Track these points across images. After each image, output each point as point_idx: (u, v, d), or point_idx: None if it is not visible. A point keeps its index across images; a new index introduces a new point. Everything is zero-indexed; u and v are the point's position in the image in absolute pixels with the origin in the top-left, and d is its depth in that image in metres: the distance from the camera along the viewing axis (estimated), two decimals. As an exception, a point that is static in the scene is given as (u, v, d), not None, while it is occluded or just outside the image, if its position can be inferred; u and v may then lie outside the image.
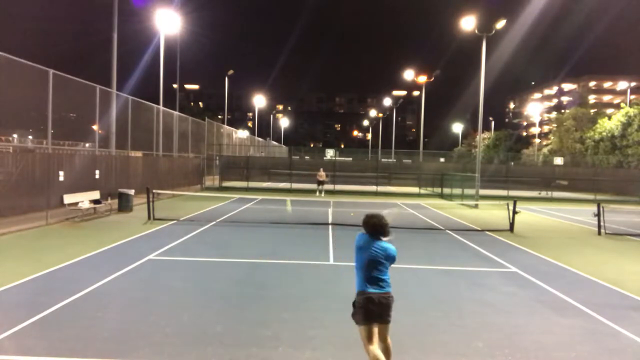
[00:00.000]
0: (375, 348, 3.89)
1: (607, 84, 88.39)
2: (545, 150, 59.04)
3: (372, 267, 4.02)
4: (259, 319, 5.61)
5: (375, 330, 3.94)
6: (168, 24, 26.01)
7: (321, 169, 26.54)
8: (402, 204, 22.27)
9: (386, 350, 4.07)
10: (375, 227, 4.12)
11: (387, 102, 75.19)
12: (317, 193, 25.62)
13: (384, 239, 4.14)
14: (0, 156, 12.16)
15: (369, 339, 3.92)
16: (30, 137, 18.36)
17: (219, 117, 64.75)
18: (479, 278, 8.03)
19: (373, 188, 29.01)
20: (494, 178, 34.17)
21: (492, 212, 18.93)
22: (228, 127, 43.28)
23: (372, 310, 3.92)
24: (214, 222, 13.74)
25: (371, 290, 3.97)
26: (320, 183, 26.03)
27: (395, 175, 36.52)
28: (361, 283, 4.04)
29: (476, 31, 21.43)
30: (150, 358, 4.44)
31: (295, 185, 28.83)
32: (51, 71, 13.33)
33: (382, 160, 53.81)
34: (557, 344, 5.12)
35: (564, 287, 7.50)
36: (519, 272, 8.56)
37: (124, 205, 15.50)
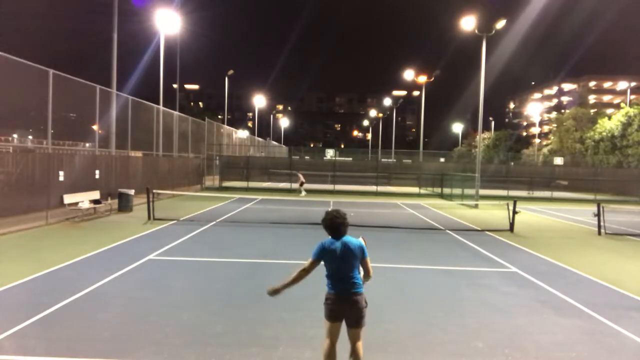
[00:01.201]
0: (327, 342, 4.00)
1: (607, 84, 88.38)
2: (545, 150, 59.05)
3: (341, 268, 3.94)
4: (259, 319, 5.61)
5: (334, 328, 4.00)
6: (168, 24, 26.01)
7: (299, 172, 26.72)
8: (402, 204, 22.28)
9: (353, 354, 4.00)
10: (333, 222, 4.02)
11: (387, 102, 75.29)
12: (303, 193, 25.69)
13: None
14: (0, 156, 12.16)
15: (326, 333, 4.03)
16: (30, 137, 18.37)
17: (219, 117, 64.73)
18: (479, 278, 8.03)
19: (373, 188, 29.00)
20: (494, 178, 34.18)
21: (492, 212, 18.93)
22: (228, 127, 43.29)
23: (332, 310, 3.96)
24: (214, 222, 13.74)
25: (336, 291, 3.95)
26: (302, 184, 26.31)
27: (395, 175, 36.52)
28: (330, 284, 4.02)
29: (476, 31, 21.43)
30: (150, 358, 4.44)
31: (295, 186, 28.79)
32: (51, 71, 13.32)
33: (382, 160, 53.79)
34: (557, 344, 5.12)
35: (564, 287, 7.50)
36: (519, 272, 8.56)
37: (124, 205, 15.50)
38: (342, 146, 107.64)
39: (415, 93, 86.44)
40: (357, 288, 3.93)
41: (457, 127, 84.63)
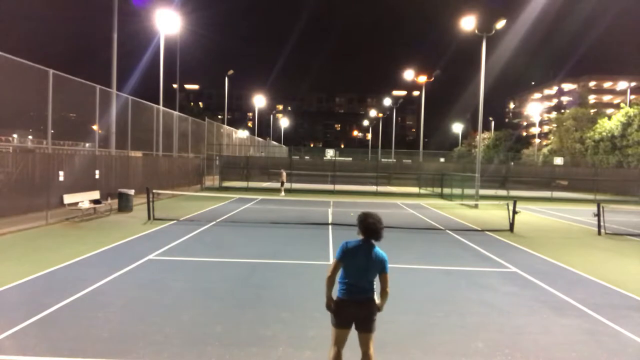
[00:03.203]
0: (334, 350, 3.89)
1: (607, 84, 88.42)
2: (545, 150, 59.03)
3: (362, 274, 3.84)
4: (259, 319, 5.62)
5: (342, 335, 3.88)
6: (168, 24, 26.02)
7: (283, 171, 26.51)
8: (402, 204, 22.28)
9: None
10: (367, 221, 3.88)
11: (387, 102, 75.27)
12: (283, 193, 25.44)
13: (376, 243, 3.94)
14: (0, 156, 12.16)
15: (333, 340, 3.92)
16: (30, 137, 18.37)
17: (219, 117, 64.76)
18: (479, 278, 8.03)
19: (373, 188, 29.01)
20: (494, 178, 34.16)
21: (492, 212, 18.93)
22: (228, 127, 43.29)
23: (342, 316, 3.84)
24: (214, 222, 13.74)
25: (348, 296, 3.83)
26: (282, 183, 25.98)
27: (395, 175, 36.52)
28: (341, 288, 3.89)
29: (476, 31, 21.43)
30: (150, 358, 4.44)
31: (295, 185, 28.80)
32: (51, 71, 13.33)
33: (382, 160, 53.81)
34: (557, 344, 5.12)
35: (564, 287, 7.50)
36: (519, 272, 8.57)
37: (124, 205, 15.50)
38: (342, 146, 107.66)
39: (415, 93, 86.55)
40: (370, 293, 3.86)
41: (457, 127, 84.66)
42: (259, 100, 63.34)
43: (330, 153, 37.34)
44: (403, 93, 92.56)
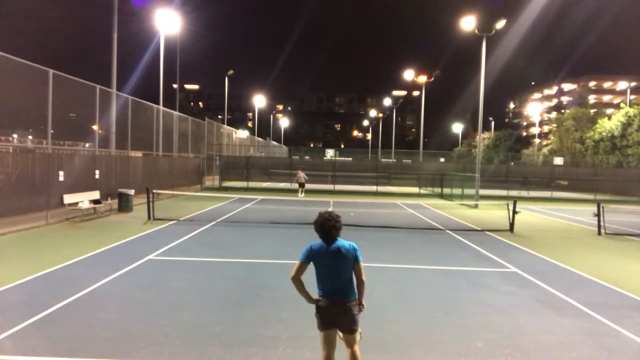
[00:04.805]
0: (324, 355, 3.82)
1: (607, 84, 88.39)
2: (545, 150, 59.00)
3: (334, 273, 3.76)
4: (259, 319, 5.61)
5: (330, 336, 3.81)
6: (168, 24, 26.03)
7: (300, 171, 25.76)
8: (402, 204, 22.28)
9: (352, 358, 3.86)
10: (324, 226, 3.82)
11: (387, 102, 75.27)
12: (301, 194, 24.77)
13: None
14: (0, 156, 12.15)
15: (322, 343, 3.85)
16: (30, 137, 18.35)
17: (219, 117, 64.74)
18: (479, 278, 8.03)
19: (373, 188, 29.01)
20: (494, 178, 34.18)
21: (492, 212, 18.93)
22: (228, 127, 43.28)
23: (325, 317, 3.77)
24: (214, 222, 13.74)
25: (328, 297, 3.77)
26: (301, 185, 25.10)
27: (395, 175, 36.54)
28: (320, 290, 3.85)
29: (476, 31, 21.43)
30: (150, 358, 4.44)
31: (295, 185, 28.76)
32: (51, 71, 13.32)
33: (382, 160, 53.83)
34: (557, 344, 5.12)
35: (564, 287, 7.50)
36: (519, 272, 8.56)
37: (124, 205, 15.50)
38: (342, 146, 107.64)
39: (415, 93, 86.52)
40: (350, 295, 3.75)
41: (457, 127, 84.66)
42: (259, 100, 63.34)
43: (330, 153, 37.31)
44: (403, 93, 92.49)
